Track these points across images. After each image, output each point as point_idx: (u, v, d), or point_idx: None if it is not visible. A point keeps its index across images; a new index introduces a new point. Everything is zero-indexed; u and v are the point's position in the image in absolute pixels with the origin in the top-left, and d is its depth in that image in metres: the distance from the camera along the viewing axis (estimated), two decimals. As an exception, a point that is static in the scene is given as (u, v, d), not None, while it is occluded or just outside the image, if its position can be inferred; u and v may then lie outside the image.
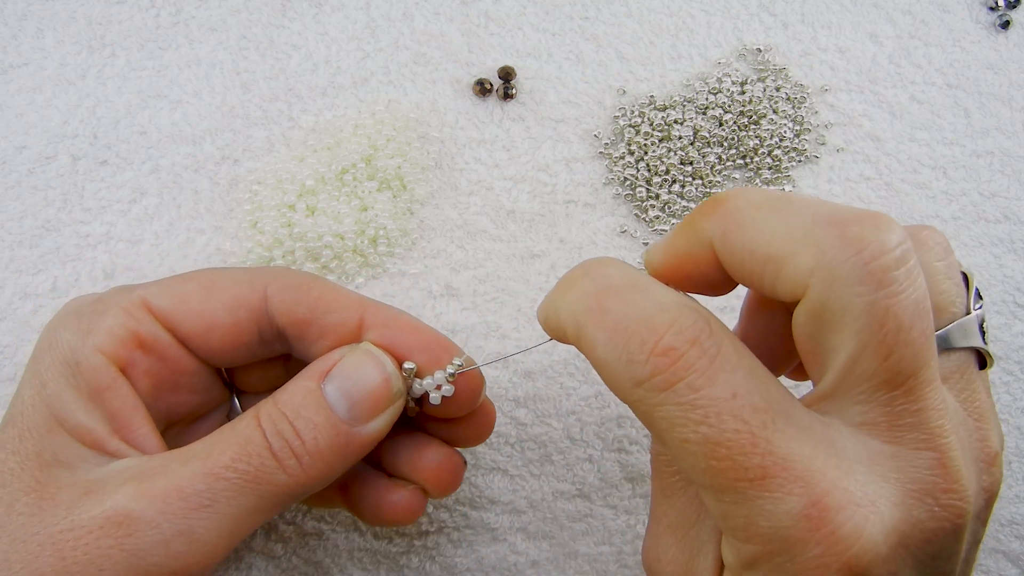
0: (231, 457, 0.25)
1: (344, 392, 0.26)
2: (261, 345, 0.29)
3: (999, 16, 0.39)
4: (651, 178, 0.38)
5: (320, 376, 0.26)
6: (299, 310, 0.28)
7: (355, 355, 0.27)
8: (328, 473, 0.26)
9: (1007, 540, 0.38)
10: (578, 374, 0.38)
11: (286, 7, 0.39)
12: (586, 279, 0.23)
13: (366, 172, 0.37)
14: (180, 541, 0.24)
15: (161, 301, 0.28)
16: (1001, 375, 0.38)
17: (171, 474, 0.24)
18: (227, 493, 0.24)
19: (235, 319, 0.28)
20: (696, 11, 0.39)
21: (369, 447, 0.27)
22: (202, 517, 0.24)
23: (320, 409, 0.26)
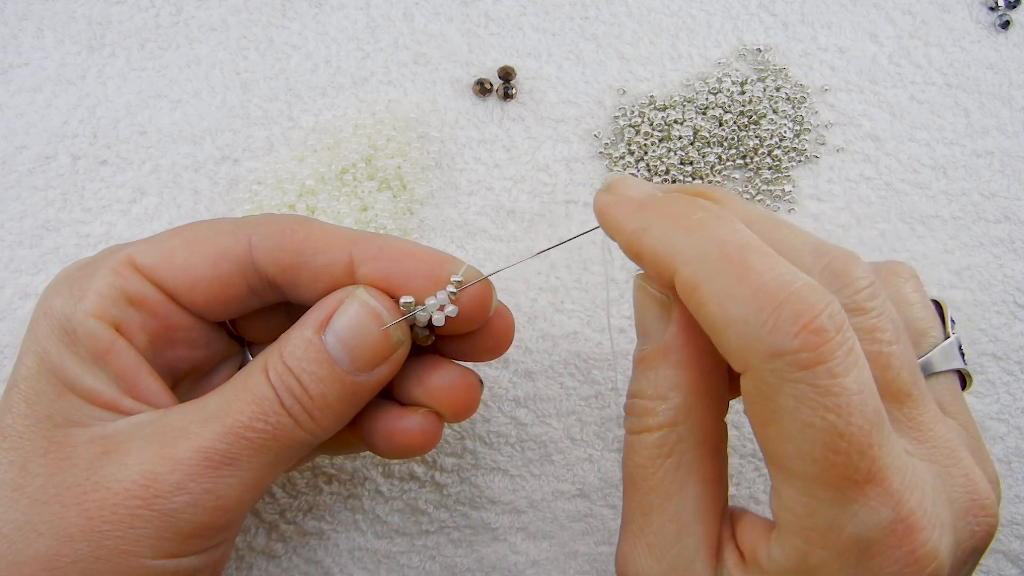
0: (249, 416, 0.25)
1: (344, 344, 0.26)
2: (253, 296, 0.29)
3: (999, 16, 0.39)
4: (651, 178, 0.38)
5: (319, 326, 0.26)
6: (285, 256, 0.27)
7: (351, 306, 0.26)
8: (339, 422, 0.27)
9: (1007, 540, 0.38)
10: (578, 374, 0.38)
11: (286, 7, 0.39)
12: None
13: (366, 172, 0.37)
14: (207, 499, 0.24)
15: (146, 258, 0.28)
16: (1001, 375, 0.38)
17: (192, 436, 0.25)
18: (248, 451, 0.25)
19: (219, 272, 0.28)
20: (696, 11, 0.39)
21: (377, 390, 0.27)
22: (226, 475, 0.25)
23: (323, 362, 0.26)
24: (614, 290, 0.38)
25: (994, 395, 0.38)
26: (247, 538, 0.37)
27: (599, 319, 0.38)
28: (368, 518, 0.37)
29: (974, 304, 0.38)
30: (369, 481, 0.37)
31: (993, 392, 0.38)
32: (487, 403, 0.37)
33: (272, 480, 0.26)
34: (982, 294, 0.38)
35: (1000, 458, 0.38)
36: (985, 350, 0.38)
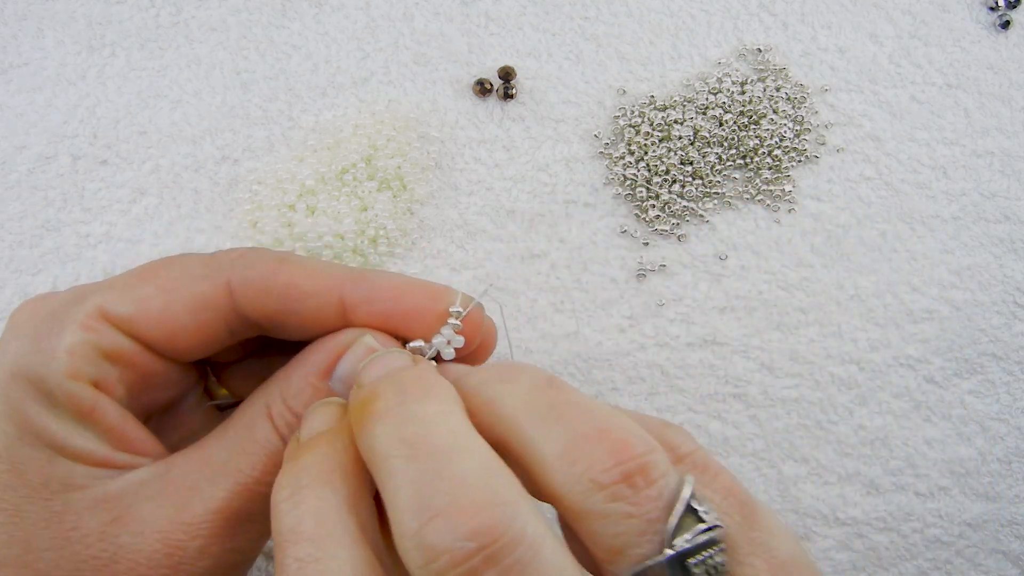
0: (261, 471, 0.24)
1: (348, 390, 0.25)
2: (232, 337, 0.28)
3: (999, 16, 0.39)
4: (651, 178, 0.38)
5: (325, 373, 0.25)
6: (269, 303, 0.26)
7: (358, 351, 0.25)
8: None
9: (1007, 540, 0.38)
10: (578, 374, 0.38)
11: (286, 7, 0.39)
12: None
13: (366, 172, 0.37)
14: (229, 557, 0.24)
15: (119, 308, 0.26)
16: (1001, 375, 0.38)
17: (205, 496, 0.24)
18: (264, 504, 0.24)
19: (199, 321, 0.26)
20: (696, 11, 0.39)
21: None
22: (245, 531, 0.24)
23: None
24: (614, 290, 0.38)
25: (994, 395, 0.38)
26: (247, 538, 0.37)
27: (599, 319, 0.38)
28: (368, 518, 0.37)
29: (974, 304, 0.38)
30: (369, 481, 0.37)
31: (993, 392, 0.38)
32: (487, 403, 0.37)
33: None
34: (982, 294, 0.38)
35: (1000, 458, 0.38)
36: (985, 350, 0.38)
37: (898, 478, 0.38)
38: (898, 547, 0.38)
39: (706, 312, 0.38)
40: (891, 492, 0.38)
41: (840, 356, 0.38)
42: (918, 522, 0.38)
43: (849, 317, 0.38)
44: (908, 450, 0.38)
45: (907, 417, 0.38)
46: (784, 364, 0.38)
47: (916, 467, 0.38)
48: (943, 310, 0.38)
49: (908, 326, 0.38)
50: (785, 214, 0.39)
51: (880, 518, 0.38)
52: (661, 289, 0.38)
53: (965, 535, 0.38)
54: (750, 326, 0.38)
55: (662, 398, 0.38)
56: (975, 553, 0.38)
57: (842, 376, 0.38)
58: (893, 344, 0.38)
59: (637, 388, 0.38)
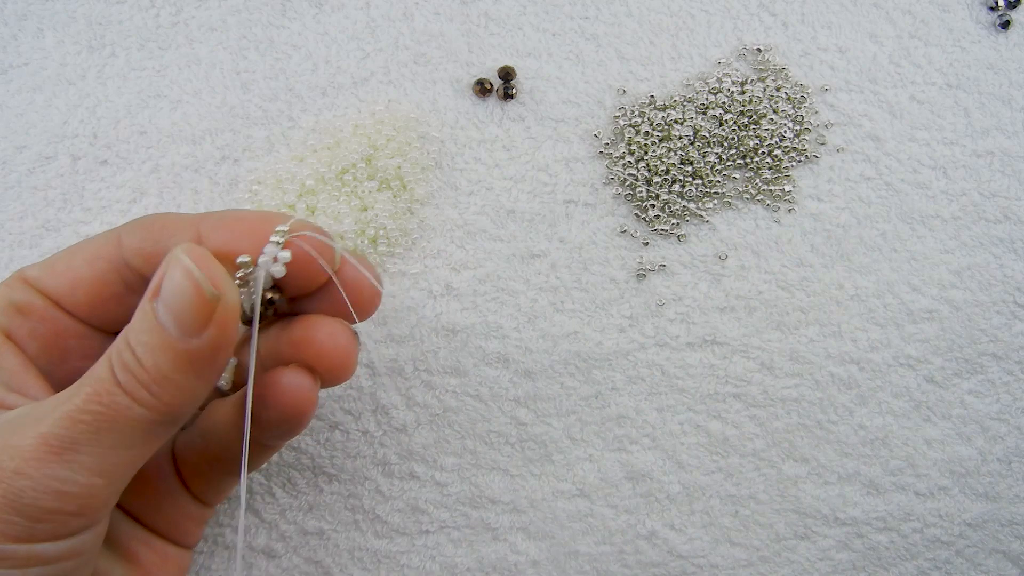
0: (84, 399, 0.25)
1: (167, 307, 0.25)
2: (133, 296, 0.29)
3: (999, 16, 0.39)
4: (651, 178, 0.38)
5: (152, 294, 0.25)
6: (147, 246, 0.29)
7: (173, 269, 0.25)
8: (184, 395, 0.25)
9: (1007, 540, 0.38)
10: (578, 374, 0.38)
11: (286, 7, 0.39)
12: None
13: (366, 172, 0.37)
14: (50, 483, 0.24)
15: (33, 271, 0.30)
16: (1001, 375, 0.38)
17: (39, 423, 0.25)
18: (86, 435, 0.25)
19: (95, 271, 0.29)
20: (696, 11, 0.39)
21: (216, 358, 0.26)
22: (66, 460, 0.24)
23: (154, 330, 0.25)
24: (614, 290, 0.38)
25: (994, 395, 0.38)
26: (247, 538, 0.37)
27: (599, 319, 0.38)
28: (368, 518, 0.37)
29: (974, 304, 0.38)
30: (369, 481, 0.37)
31: (993, 392, 0.38)
32: (487, 403, 0.37)
33: (130, 466, 0.26)
34: (982, 294, 0.38)
35: (1000, 458, 0.38)
36: (985, 350, 0.38)
37: (898, 478, 0.38)
38: (898, 547, 0.38)
39: (706, 312, 0.38)
40: (891, 492, 0.38)
41: (840, 356, 0.38)
42: (918, 522, 0.38)
43: (849, 317, 0.38)
44: (908, 450, 0.38)
45: (907, 417, 0.38)
46: (784, 364, 0.38)
47: (916, 467, 0.38)
48: (943, 310, 0.38)
49: (908, 326, 0.38)
50: (785, 214, 0.39)
51: (880, 518, 0.38)
52: (661, 289, 0.38)
53: (965, 535, 0.38)
54: (750, 326, 0.38)
55: (662, 398, 0.38)
56: (975, 553, 0.38)
57: (842, 376, 0.38)
58: (893, 344, 0.38)
59: (637, 388, 0.38)
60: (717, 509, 0.38)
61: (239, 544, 0.32)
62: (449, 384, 0.37)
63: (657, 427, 0.38)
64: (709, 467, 0.38)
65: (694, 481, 0.38)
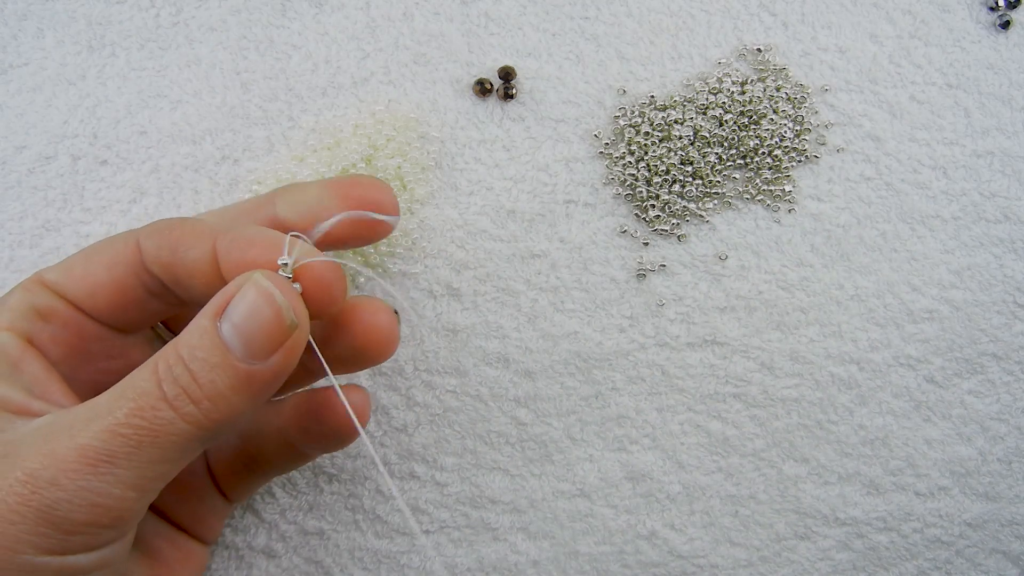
0: (127, 412, 0.24)
1: (238, 330, 0.25)
2: (154, 299, 0.30)
3: (999, 16, 0.39)
4: (651, 178, 0.38)
5: (216, 314, 0.25)
6: (164, 254, 0.28)
7: (248, 291, 0.25)
8: (233, 414, 0.26)
9: (1007, 540, 0.38)
10: (578, 374, 0.38)
11: (286, 7, 0.39)
12: None
13: (366, 172, 0.37)
14: (84, 496, 0.24)
15: (52, 275, 0.29)
16: (1001, 375, 0.38)
17: (75, 434, 0.25)
18: (126, 449, 0.24)
19: (114, 276, 0.29)
20: (696, 11, 0.39)
21: (275, 383, 0.26)
22: (103, 472, 0.24)
23: (216, 349, 0.25)
24: (614, 290, 0.38)
25: (994, 395, 0.38)
26: (247, 538, 0.37)
27: (599, 319, 0.38)
28: (368, 518, 0.37)
29: (974, 304, 0.38)
30: (369, 481, 0.37)
31: (993, 392, 0.38)
32: (487, 403, 0.37)
33: (164, 480, 0.26)
34: (982, 294, 0.38)
35: (1000, 458, 0.38)
36: (985, 350, 0.38)
37: (898, 478, 0.38)
38: (898, 547, 0.38)
39: (706, 312, 0.38)
40: (891, 492, 0.38)
41: (840, 356, 0.38)
42: (918, 522, 0.38)
43: (849, 317, 0.38)
44: (908, 450, 0.38)
45: (907, 417, 0.38)
46: (784, 364, 0.38)
47: (916, 467, 0.38)
48: (943, 310, 0.38)
49: (908, 326, 0.38)
50: (785, 214, 0.39)
51: (880, 518, 0.38)
52: (661, 289, 0.38)
53: (965, 535, 0.38)
54: (750, 326, 0.38)
55: (662, 398, 0.38)
56: (975, 553, 0.38)
57: (842, 376, 0.38)
58: (893, 344, 0.38)
59: (637, 388, 0.38)
60: (717, 509, 0.38)
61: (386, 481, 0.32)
62: (449, 384, 0.37)
63: (657, 427, 0.38)
64: (709, 467, 0.38)
65: (694, 481, 0.38)
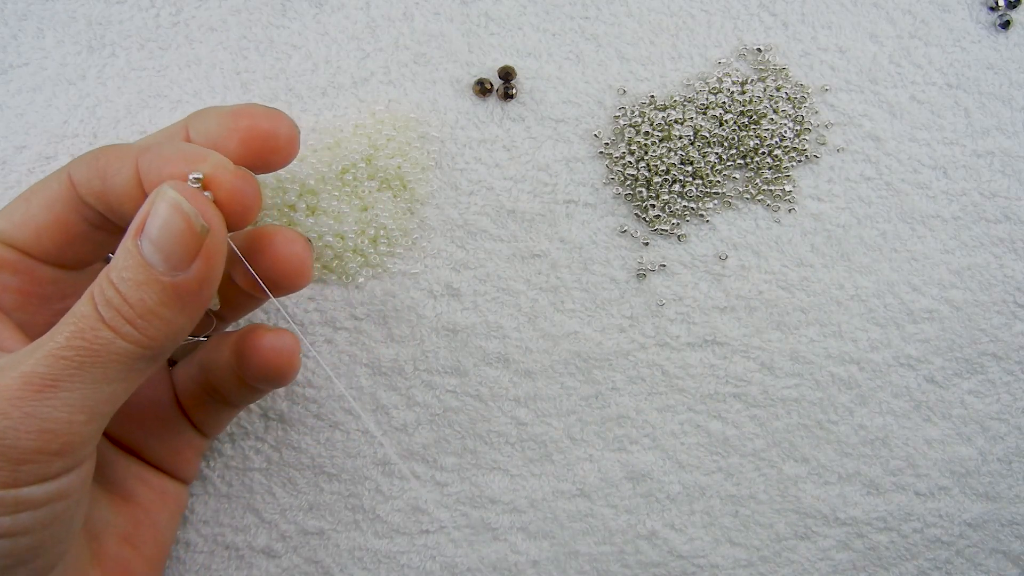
0: (67, 336, 0.25)
1: (155, 244, 0.25)
2: (96, 232, 0.30)
3: (999, 16, 0.39)
4: (651, 178, 0.38)
5: (136, 233, 0.26)
6: (95, 183, 0.28)
7: (158, 203, 0.26)
8: (169, 329, 0.26)
9: (1007, 540, 0.38)
10: (578, 374, 0.38)
11: (286, 7, 0.39)
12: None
13: (366, 172, 0.37)
14: (30, 422, 0.24)
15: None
16: (1001, 375, 0.38)
17: (19, 364, 0.25)
18: (69, 371, 0.25)
19: (55, 214, 0.29)
20: (696, 11, 0.39)
21: (203, 292, 0.26)
22: (48, 397, 0.24)
23: (140, 267, 0.25)
24: (614, 290, 0.38)
25: (994, 395, 0.38)
26: (247, 538, 0.37)
27: (599, 319, 0.38)
28: (368, 518, 0.37)
29: (974, 304, 0.38)
30: (369, 481, 0.37)
31: (993, 392, 0.38)
32: (487, 403, 0.37)
33: (112, 403, 0.26)
34: (982, 294, 0.38)
35: (1000, 458, 0.38)
36: (985, 350, 0.38)
37: (898, 478, 0.38)
38: (898, 547, 0.38)
39: (706, 312, 0.38)
40: (891, 492, 0.38)
41: (840, 356, 0.38)
42: (918, 522, 0.38)
43: (849, 317, 0.38)
44: (908, 450, 0.38)
45: (907, 417, 0.38)
46: (784, 364, 0.38)
47: (916, 467, 0.38)
48: (943, 310, 0.38)
49: (908, 326, 0.38)
50: (785, 214, 0.39)
51: (880, 518, 0.38)
52: (661, 289, 0.38)
53: (965, 535, 0.38)
54: (750, 326, 0.38)
55: (662, 398, 0.38)
56: (975, 553, 0.38)
57: (842, 376, 0.38)
58: (893, 344, 0.38)
59: (637, 388, 0.38)
60: (717, 509, 0.38)
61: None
62: (449, 384, 0.37)
63: (657, 427, 0.38)
64: (709, 467, 0.38)
65: (694, 481, 0.38)
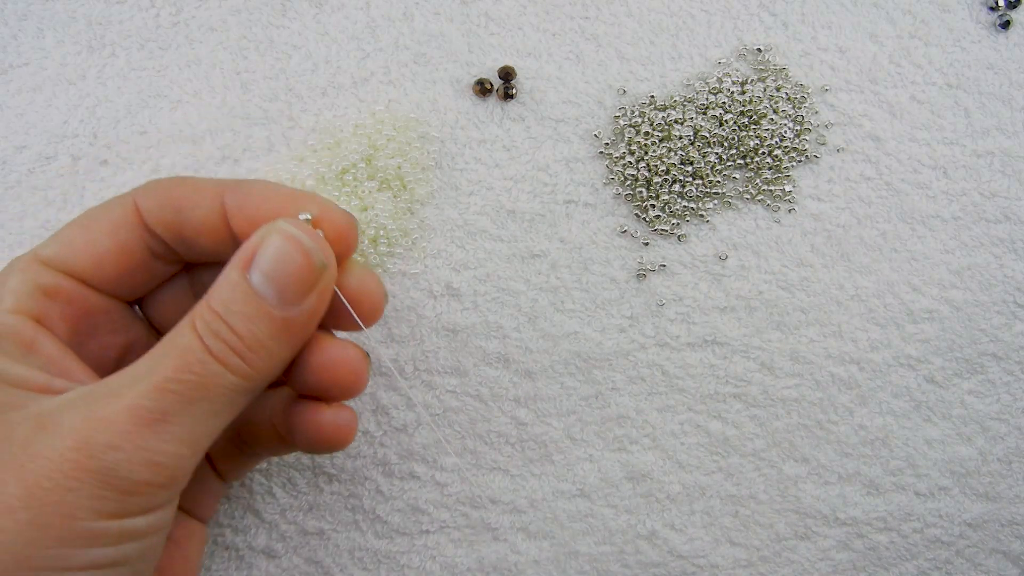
0: (173, 368, 0.25)
1: (269, 278, 0.25)
2: (157, 261, 0.30)
3: (999, 16, 0.39)
4: (651, 178, 0.38)
5: (244, 265, 0.26)
6: (167, 213, 0.28)
7: (273, 239, 0.26)
8: (275, 363, 0.26)
9: (1007, 540, 0.38)
10: (578, 374, 0.38)
11: (286, 7, 0.39)
12: None
13: (366, 172, 0.37)
14: (141, 455, 0.24)
15: (49, 250, 0.29)
16: (1001, 375, 0.38)
17: (121, 397, 0.24)
18: (177, 404, 0.24)
19: (118, 241, 0.29)
20: (696, 11, 0.39)
21: (309, 327, 0.27)
22: (157, 431, 0.24)
23: (250, 300, 0.25)
24: (614, 290, 0.38)
25: (994, 395, 0.38)
26: (247, 538, 0.37)
27: (599, 319, 0.38)
28: (368, 518, 0.37)
29: (974, 304, 0.38)
30: (369, 481, 0.37)
31: (993, 392, 0.38)
32: (487, 403, 0.37)
33: (213, 434, 0.26)
34: (982, 294, 0.38)
35: (1000, 458, 0.38)
36: (985, 350, 0.38)
37: (898, 478, 0.38)
38: (898, 547, 0.38)
39: (706, 312, 0.38)
40: (891, 492, 0.38)
41: (840, 356, 0.38)
42: (918, 522, 0.38)
43: (849, 317, 0.38)
44: (908, 450, 0.38)
45: (907, 417, 0.38)
46: (784, 364, 0.38)
47: (916, 467, 0.38)
48: (943, 310, 0.38)
49: (908, 326, 0.38)
50: (785, 214, 0.39)
51: (880, 518, 0.38)
52: (661, 289, 0.38)
53: (965, 535, 0.38)
54: (750, 326, 0.38)
55: (662, 398, 0.38)
56: (975, 553, 0.38)
57: (842, 376, 0.38)
58: (893, 344, 0.38)
59: (637, 388, 0.38)
60: (717, 509, 0.38)
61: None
62: (449, 384, 0.37)
63: (657, 427, 0.38)
64: (709, 467, 0.38)
65: (694, 481, 0.38)
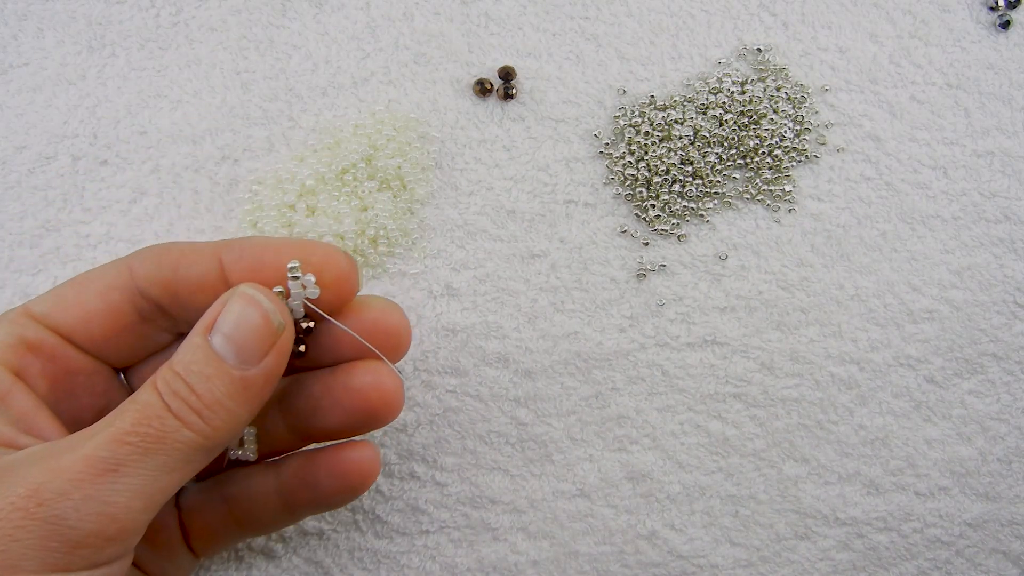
0: (131, 422, 0.25)
1: (229, 339, 0.26)
2: (146, 325, 0.30)
3: (999, 16, 0.39)
4: (651, 178, 0.38)
5: (206, 329, 0.26)
6: (163, 273, 0.29)
7: (234, 303, 0.27)
8: (233, 421, 0.26)
9: (1007, 540, 0.38)
10: (578, 374, 0.38)
11: (286, 7, 0.39)
12: None
13: (366, 172, 0.37)
14: (90, 505, 0.24)
15: (40, 306, 0.29)
16: (1001, 375, 0.38)
17: (77, 448, 0.25)
18: (133, 456, 0.25)
19: (108, 302, 0.29)
20: (696, 11, 0.39)
21: (267, 387, 0.27)
22: (109, 481, 0.24)
23: (210, 361, 0.26)
24: (614, 290, 0.38)
25: (994, 395, 0.38)
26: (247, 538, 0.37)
27: (599, 319, 0.38)
28: (368, 518, 0.37)
29: (974, 304, 0.38)
30: (369, 481, 0.37)
31: (993, 392, 0.38)
32: (487, 403, 0.37)
33: (168, 491, 0.26)
34: (982, 294, 0.38)
35: (1000, 458, 0.38)
36: (985, 350, 0.38)
37: (898, 478, 0.38)
38: (898, 547, 0.38)
39: (706, 312, 0.38)
40: (891, 492, 0.38)
41: (840, 356, 0.38)
42: (918, 522, 0.38)
43: (849, 317, 0.38)
44: (908, 450, 0.38)
45: (907, 417, 0.38)
46: (784, 364, 0.38)
47: (916, 467, 0.38)
48: (943, 310, 0.38)
49: (908, 326, 0.38)
50: (785, 214, 0.39)
51: (880, 518, 0.38)
52: (661, 289, 0.38)
53: (965, 535, 0.38)
54: (750, 326, 0.38)
55: (662, 398, 0.38)
56: (975, 553, 0.38)
57: (842, 376, 0.38)
58: (893, 344, 0.38)
59: (637, 388, 0.38)
60: (717, 509, 0.38)
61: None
62: (449, 384, 0.37)
63: (657, 427, 0.38)
64: (709, 467, 0.38)
65: (694, 481, 0.38)
